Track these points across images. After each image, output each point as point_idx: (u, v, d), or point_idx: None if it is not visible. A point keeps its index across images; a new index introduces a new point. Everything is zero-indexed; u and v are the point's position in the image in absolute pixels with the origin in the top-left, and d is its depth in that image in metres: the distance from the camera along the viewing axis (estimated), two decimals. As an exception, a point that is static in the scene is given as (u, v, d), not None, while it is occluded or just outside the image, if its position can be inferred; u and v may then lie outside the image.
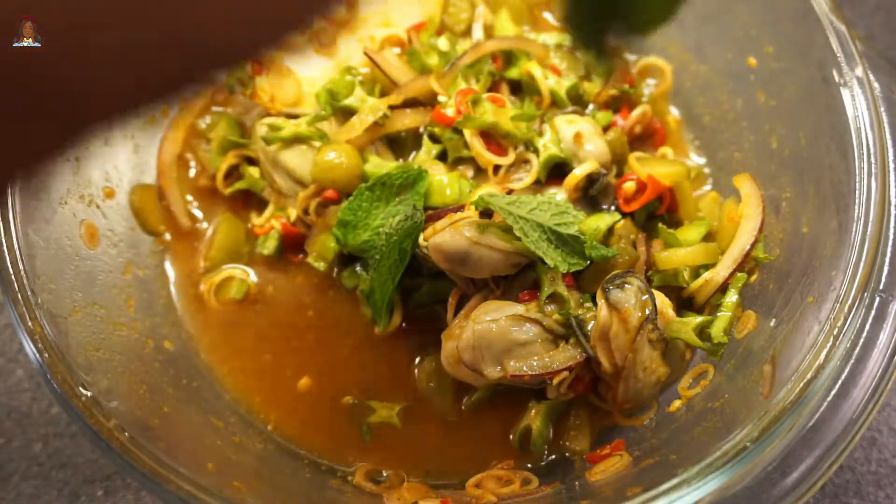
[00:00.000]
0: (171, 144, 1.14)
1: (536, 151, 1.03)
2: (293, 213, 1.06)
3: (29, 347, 0.78)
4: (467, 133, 1.00)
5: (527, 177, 1.02)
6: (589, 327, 0.90)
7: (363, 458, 0.99)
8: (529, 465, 0.98)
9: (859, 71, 0.88)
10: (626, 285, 0.90)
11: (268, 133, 1.04)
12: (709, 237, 1.04)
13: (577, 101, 1.11)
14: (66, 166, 0.96)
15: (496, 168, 1.02)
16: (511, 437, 0.99)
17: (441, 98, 1.05)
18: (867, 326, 0.81)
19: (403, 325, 1.04)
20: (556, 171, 1.03)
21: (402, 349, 1.04)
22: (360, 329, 1.05)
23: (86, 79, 0.34)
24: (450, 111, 1.02)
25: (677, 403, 0.96)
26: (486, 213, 0.95)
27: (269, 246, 1.08)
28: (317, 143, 1.04)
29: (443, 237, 0.91)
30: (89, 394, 0.77)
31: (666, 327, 0.94)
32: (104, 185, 1.03)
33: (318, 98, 1.07)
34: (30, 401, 1.09)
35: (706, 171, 1.16)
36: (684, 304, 1.02)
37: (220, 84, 1.08)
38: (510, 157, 1.03)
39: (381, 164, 1.01)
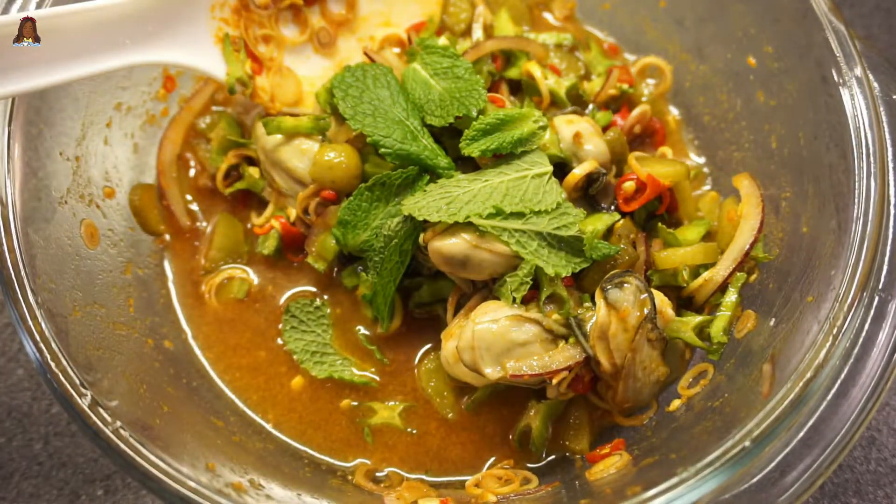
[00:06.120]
0: (171, 144, 1.14)
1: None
2: (293, 212, 1.06)
3: (29, 347, 0.78)
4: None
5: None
6: (588, 327, 0.90)
7: (363, 458, 0.99)
8: (529, 465, 0.98)
9: (858, 71, 0.88)
10: (625, 284, 0.90)
11: (268, 121, 1.04)
12: (708, 237, 1.04)
13: (577, 101, 1.11)
14: (66, 166, 0.96)
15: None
16: (511, 436, 0.99)
17: (441, 98, 1.05)
18: (866, 326, 0.81)
19: (403, 325, 1.04)
20: (556, 170, 1.03)
21: (402, 349, 1.04)
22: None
23: None
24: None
25: (677, 403, 0.96)
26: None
27: (268, 246, 1.07)
28: (316, 144, 1.04)
29: (442, 240, 0.91)
30: (89, 393, 0.77)
31: (665, 327, 0.94)
32: (104, 185, 1.03)
33: (318, 98, 1.07)
34: (30, 400, 1.10)
35: (706, 170, 1.16)
36: (684, 303, 1.02)
37: (219, 84, 1.08)
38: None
39: (380, 164, 1.01)
